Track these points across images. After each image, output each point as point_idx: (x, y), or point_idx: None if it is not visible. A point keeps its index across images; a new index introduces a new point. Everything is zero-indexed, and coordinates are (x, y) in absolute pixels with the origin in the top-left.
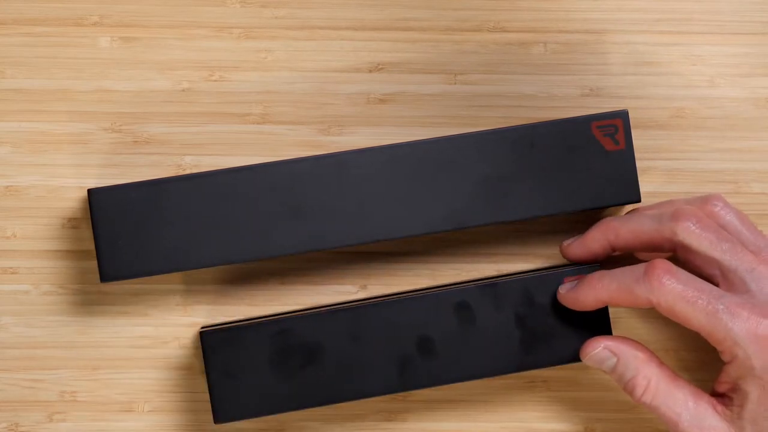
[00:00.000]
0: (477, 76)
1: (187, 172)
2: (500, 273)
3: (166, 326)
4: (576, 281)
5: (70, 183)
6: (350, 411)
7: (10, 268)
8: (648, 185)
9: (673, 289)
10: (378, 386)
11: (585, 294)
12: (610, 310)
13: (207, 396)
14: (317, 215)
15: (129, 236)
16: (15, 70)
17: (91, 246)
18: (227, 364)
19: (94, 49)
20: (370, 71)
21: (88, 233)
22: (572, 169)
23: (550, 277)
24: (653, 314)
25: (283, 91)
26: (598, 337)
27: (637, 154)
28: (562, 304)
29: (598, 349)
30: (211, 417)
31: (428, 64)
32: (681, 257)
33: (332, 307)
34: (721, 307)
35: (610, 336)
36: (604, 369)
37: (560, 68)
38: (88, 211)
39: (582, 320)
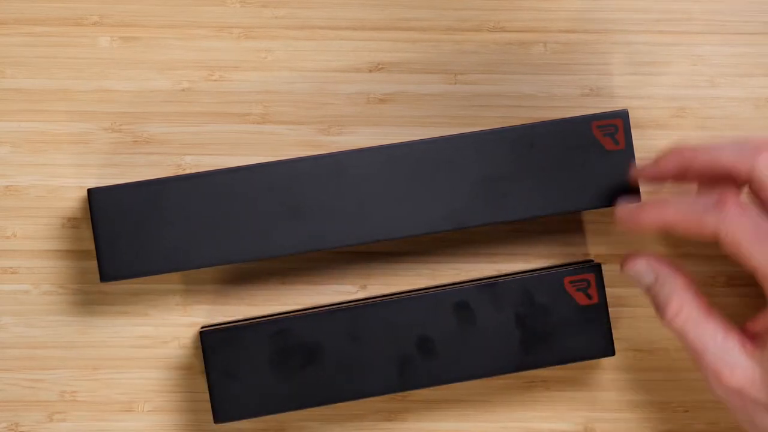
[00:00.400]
0: (477, 76)
1: (187, 172)
2: (500, 273)
3: (166, 326)
4: (635, 203)
5: (70, 183)
6: (350, 411)
7: (10, 268)
8: (648, 185)
9: (743, 224)
10: (378, 386)
11: (649, 214)
12: (610, 309)
13: (207, 396)
14: (317, 215)
15: (129, 236)
16: (15, 70)
17: (91, 246)
18: (227, 364)
19: (94, 49)
20: (370, 71)
21: (88, 233)
22: (572, 169)
23: (550, 277)
24: (653, 313)
25: (283, 91)
26: (641, 252)
27: (637, 154)
28: (619, 222)
29: (640, 264)
30: (211, 417)
31: (428, 64)
32: (755, 191)
33: (332, 307)
34: None
35: (654, 255)
36: (641, 285)
37: (560, 68)
38: (88, 211)
39: (582, 320)
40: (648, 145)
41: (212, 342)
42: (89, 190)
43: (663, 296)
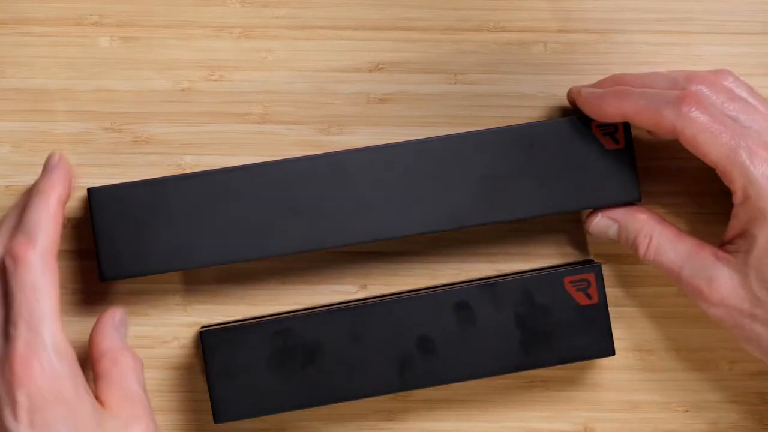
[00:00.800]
0: (477, 76)
1: (187, 171)
2: (499, 273)
3: (166, 326)
4: (597, 90)
5: None
6: (350, 411)
7: None
8: (648, 185)
9: (700, 120)
10: (378, 386)
11: (610, 103)
12: (610, 309)
13: (207, 396)
14: (316, 215)
15: (129, 236)
16: (15, 70)
17: (91, 246)
18: (227, 364)
19: (94, 49)
20: (370, 71)
21: (88, 233)
22: (572, 169)
23: (550, 277)
24: (653, 313)
25: (283, 91)
26: (598, 211)
27: (637, 154)
28: (581, 108)
29: (597, 218)
30: (211, 417)
31: (428, 64)
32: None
33: (332, 307)
34: (743, 144)
35: (608, 208)
36: (610, 237)
37: (560, 68)
38: (88, 211)
39: (582, 320)
40: (648, 144)
41: (212, 342)
42: (89, 190)
43: (631, 238)
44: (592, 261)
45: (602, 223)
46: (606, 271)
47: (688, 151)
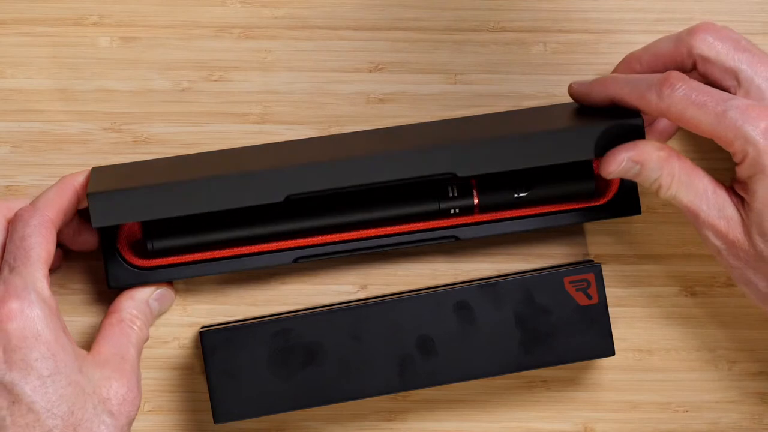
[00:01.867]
0: (477, 76)
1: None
2: (500, 273)
3: (166, 326)
4: (587, 81)
5: None
6: (351, 411)
7: None
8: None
9: (682, 95)
10: (378, 386)
11: (597, 90)
12: (610, 309)
13: (207, 396)
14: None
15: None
16: (15, 70)
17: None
18: (227, 364)
19: (94, 49)
20: (370, 71)
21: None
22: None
23: (550, 277)
24: (653, 313)
25: (283, 91)
26: (616, 150)
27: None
28: (572, 98)
29: (622, 164)
30: (211, 417)
31: (428, 64)
32: (701, 71)
33: (332, 307)
34: (732, 106)
35: (627, 145)
36: (630, 177)
37: (560, 68)
38: (88, 211)
39: (582, 320)
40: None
41: (212, 342)
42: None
43: (653, 178)
44: (592, 261)
45: (627, 166)
46: (606, 271)
47: (689, 150)
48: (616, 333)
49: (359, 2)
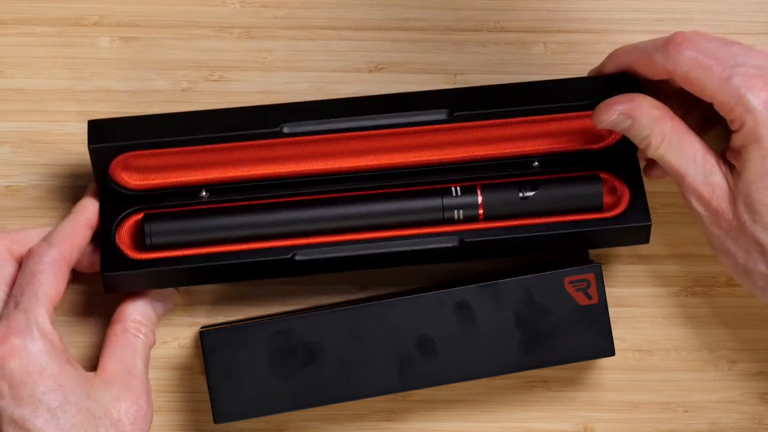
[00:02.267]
0: (477, 76)
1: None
2: (500, 273)
3: (166, 326)
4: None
5: (70, 183)
6: (350, 411)
7: None
8: (649, 184)
9: (689, 56)
10: (378, 386)
11: (609, 63)
12: (610, 309)
13: (207, 396)
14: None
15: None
16: (15, 70)
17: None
18: (227, 364)
19: (94, 49)
20: (370, 71)
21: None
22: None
23: (550, 277)
24: (653, 313)
25: (283, 91)
26: (611, 101)
27: (638, 154)
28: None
29: (613, 115)
30: (211, 417)
31: (428, 64)
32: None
33: (332, 307)
34: (738, 72)
35: (623, 97)
36: (620, 130)
37: (560, 68)
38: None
39: (582, 320)
40: None
41: (212, 342)
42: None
43: (643, 135)
44: (592, 261)
45: (617, 119)
46: (606, 271)
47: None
48: (616, 333)
49: (359, 2)
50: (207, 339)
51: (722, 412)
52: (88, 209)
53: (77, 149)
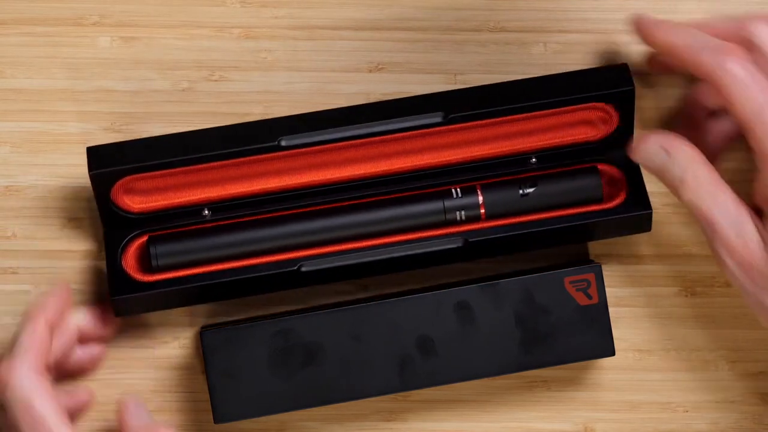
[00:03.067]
0: (477, 76)
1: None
2: (500, 273)
3: (166, 326)
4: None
5: (70, 183)
6: (350, 411)
7: (10, 268)
8: (649, 184)
9: (737, 72)
10: (378, 386)
11: (660, 30)
12: (611, 309)
13: (207, 396)
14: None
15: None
16: (15, 70)
17: (91, 246)
18: (227, 364)
19: (94, 49)
20: (370, 71)
21: (88, 233)
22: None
23: (550, 277)
24: (653, 313)
25: (283, 91)
26: (650, 135)
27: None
28: (636, 29)
29: (651, 144)
30: (211, 417)
31: (428, 64)
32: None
33: (332, 307)
34: None
35: (662, 133)
36: (653, 165)
37: (560, 68)
38: (88, 211)
39: (582, 320)
40: None
41: (212, 342)
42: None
43: (677, 174)
44: (592, 261)
45: (653, 149)
46: (606, 271)
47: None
48: (616, 333)
49: (359, 2)
50: (207, 339)
51: (722, 412)
52: (46, 310)
53: (77, 149)
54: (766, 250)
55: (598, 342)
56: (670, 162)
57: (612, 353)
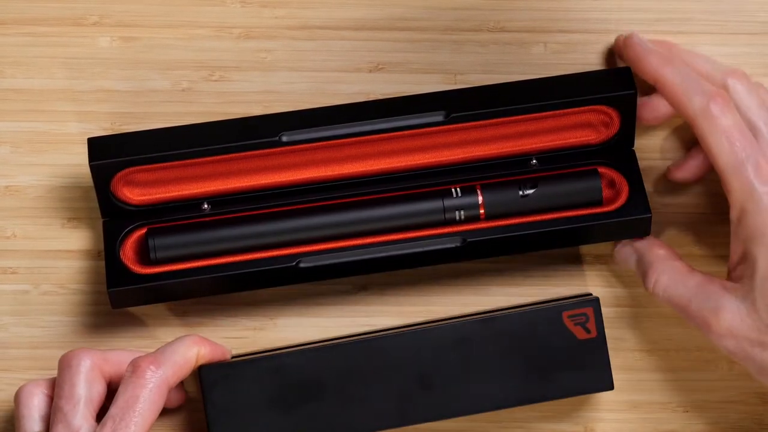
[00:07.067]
0: (477, 76)
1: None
2: (499, 307)
3: (167, 326)
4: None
5: (69, 183)
6: None
7: (10, 268)
8: (649, 185)
9: (720, 122)
10: (377, 421)
11: (653, 61)
12: (611, 308)
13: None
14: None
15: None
16: (15, 70)
17: (91, 246)
18: (226, 400)
19: (94, 49)
20: (370, 71)
21: (88, 233)
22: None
23: (549, 311)
24: (653, 313)
25: (283, 91)
26: (625, 241)
27: (638, 154)
28: (624, 50)
29: (623, 249)
30: None
31: (428, 64)
32: None
33: (332, 342)
34: (753, 159)
35: (638, 239)
36: (630, 266)
37: (560, 68)
38: (88, 211)
39: (581, 354)
40: (651, 144)
41: (212, 378)
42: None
43: (643, 270)
44: (591, 294)
45: (625, 251)
46: (606, 270)
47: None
48: (617, 333)
49: (359, 2)
50: (206, 375)
51: (722, 412)
52: (206, 343)
53: (77, 149)
54: (745, 312)
55: (597, 376)
56: (639, 261)
57: (611, 387)
